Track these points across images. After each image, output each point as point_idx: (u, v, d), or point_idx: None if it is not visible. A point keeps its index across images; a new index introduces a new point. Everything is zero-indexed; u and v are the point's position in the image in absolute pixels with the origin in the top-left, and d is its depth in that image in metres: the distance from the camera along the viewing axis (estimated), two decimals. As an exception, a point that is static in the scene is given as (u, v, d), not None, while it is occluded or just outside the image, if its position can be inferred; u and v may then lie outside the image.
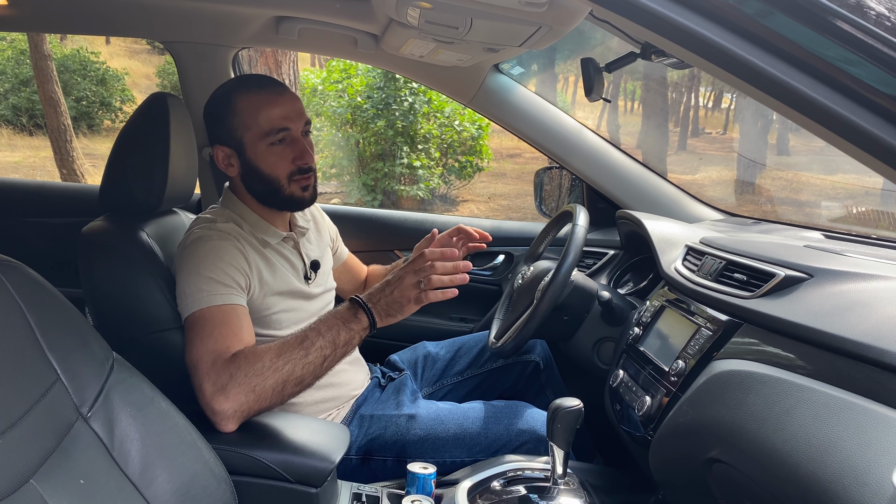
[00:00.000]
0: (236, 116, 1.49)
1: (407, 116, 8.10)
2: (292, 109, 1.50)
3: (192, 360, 1.30)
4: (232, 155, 1.52)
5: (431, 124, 8.40)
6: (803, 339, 1.05)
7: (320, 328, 1.33)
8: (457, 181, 9.07)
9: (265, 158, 1.49)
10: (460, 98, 2.08)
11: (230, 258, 1.42)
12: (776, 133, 15.56)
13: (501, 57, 1.71)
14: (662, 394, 1.30)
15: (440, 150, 8.57)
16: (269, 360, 1.28)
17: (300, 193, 1.53)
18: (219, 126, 1.51)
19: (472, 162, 8.70)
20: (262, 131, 1.47)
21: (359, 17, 1.70)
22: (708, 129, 17.57)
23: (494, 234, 2.31)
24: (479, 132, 8.66)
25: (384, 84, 8.10)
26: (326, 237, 1.82)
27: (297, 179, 1.51)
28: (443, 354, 1.91)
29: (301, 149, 1.50)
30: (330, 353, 1.32)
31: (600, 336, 1.69)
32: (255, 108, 1.48)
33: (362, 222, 2.33)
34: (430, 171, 8.36)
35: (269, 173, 1.50)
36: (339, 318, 1.34)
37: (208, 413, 1.26)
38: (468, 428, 1.56)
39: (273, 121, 1.47)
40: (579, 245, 1.59)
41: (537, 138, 2.08)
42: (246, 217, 1.54)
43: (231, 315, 1.37)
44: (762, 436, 0.98)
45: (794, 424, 0.94)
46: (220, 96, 1.53)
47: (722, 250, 1.42)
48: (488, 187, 10.37)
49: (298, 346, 1.30)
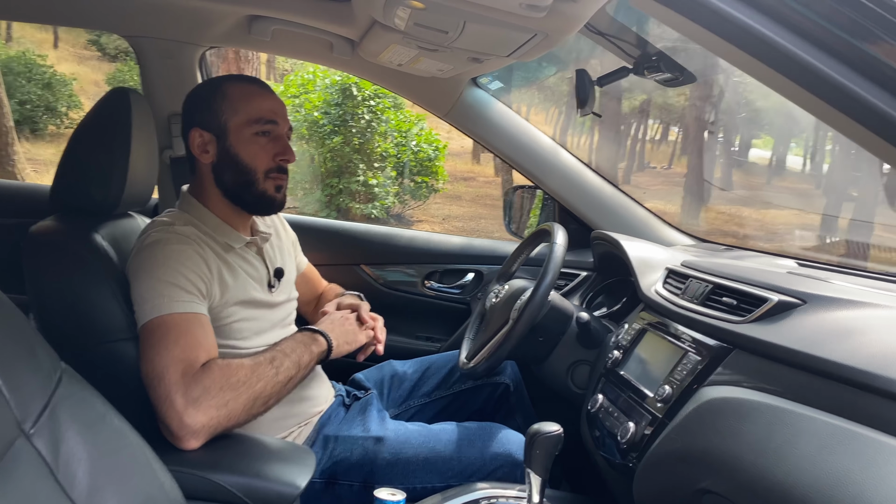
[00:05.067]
0: (225, 100, 1.44)
1: (364, 134, 8.05)
2: (281, 108, 1.49)
3: (157, 369, 1.21)
4: (211, 141, 1.45)
5: (388, 143, 8.36)
6: (801, 366, 1.02)
7: (285, 349, 1.35)
8: (412, 201, 9.03)
9: (247, 147, 1.43)
10: (436, 110, 2.03)
11: (191, 263, 1.34)
12: (720, 168, 16.03)
13: (483, 69, 1.66)
14: (647, 420, 1.25)
15: (396, 170, 8.53)
16: (244, 375, 1.24)
17: (272, 192, 1.47)
18: (202, 109, 1.45)
19: (427, 183, 8.68)
20: (251, 118, 1.43)
21: (337, 20, 1.64)
22: (653, 164, 18.00)
23: (464, 252, 2.27)
24: (435, 153, 8.66)
25: (342, 100, 8.03)
26: (288, 245, 1.74)
27: (273, 177, 1.46)
28: (410, 374, 1.84)
29: (284, 146, 1.46)
30: (294, 374, 1.33)
31: (575, 359, 1.64)
32: (246, 96, 1.44)
33: (327, 234, 2.24)
34: (386, 189, 8.29)
35: (247, 163, 1.44)
36: (301, 342, 1.39)
37: (174, 427, 1.17)
38: (440, 451, 1.48)
39: (263, 111, 1.44)
40: (558, 264, 1.54)
41: (513, 155, 2.04)
42: (206, 220, 1.46)
43: (194, 323, 1.28)
44: (761, 467, 0.94)
45: (797, 455, 0.90)
46: (210, 83, 1.50)
47: (707, 273, 1.39)
48: (443, 209, 10.36)
49: (270, 365, 1.29)
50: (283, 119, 1.48)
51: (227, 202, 1.48)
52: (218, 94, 1.44)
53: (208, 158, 1.46)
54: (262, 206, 1.50)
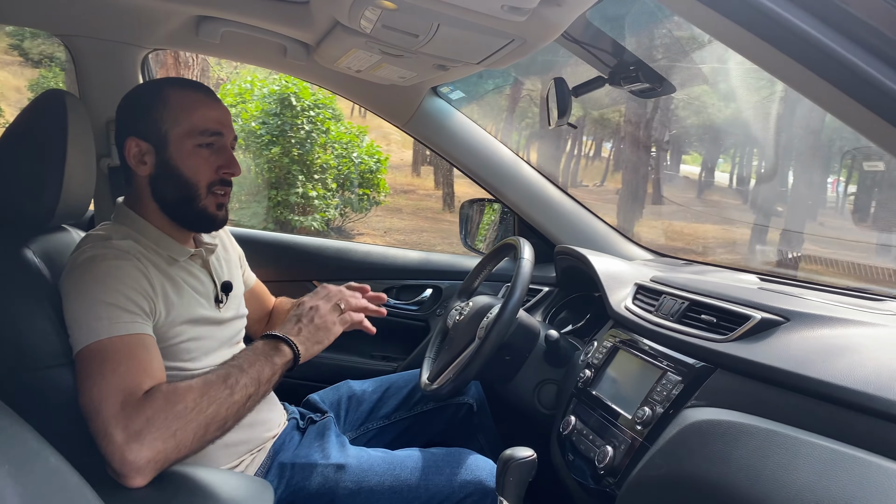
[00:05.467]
0: (166, 108, 1.31)
1: (303, 145, 7.89)
2: (227, 118, 1.37)
3: (94, 401, 1.09)
4: (149, 151, 1.33)
5: (328, 154, 8.22)
6: (791, 387, 0.99)
7: (242, 364, 1.20)
8: (352, 214, 8.89)
9: (189, 159, 1.32)
10: (395, 120, 1.95)
11: (131, 280, 1.22)
12: (652, 184, 16.42)
13: (448, 77, 1.61)
14: (626, 444, 1.20)
15: (337, 182, 8.39)
16: (192, 400, 1.11)
17: (213, 210, 1.36)
18: (140, 117, 1.33)
19: (369, 195, 8.57)
20: (194, 129, 1.31)
21: (293, 23, 1.55)
22: (585, 182, 18.33)
23: (422, 267, 2.19)
24: (377, 165, 8.57)
25: (280, 110, 7.86)
26: (235, 258, 1.63)
27: (215, 192, 1.35)
28: (369, 395, 1.75)
29: (229, 158, 1.36)
30: (254, 392, 1.19)
31: (542, 378, 1.59)
32: (190, 104, 1.33)
33: (277, 249, 2.12)
34: (327, 201, 8.14)
35: (188, 177, 1.32)
36: (260, 354, 1.23)
37: (116, 465, 1.05)
38: (405, 479, 1.40)
39: (208, 121, 1.33)
40: (526, 280, 1.49)
41: (473, 167, 1.98)
42: (146, 233, 1.34)
43: (138, 347, 1.16)
44: (758, 493, 0.89)
45: (797, 482, 0.86)
46: (149, 87, 1.37)
47: (681, 289, 1.36)
48: (384, 221, 10.27)
49: (223, 384, 1.15)
50: (228, 129, 1.37)
51: (165, 216, 1.37)
52: (158, 101, 1.33)
53: (145, 170, 1.34)
54: (202, 223, 1.39)
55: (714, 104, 15.23)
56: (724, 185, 23.78)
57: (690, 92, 14.32)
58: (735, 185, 23.48)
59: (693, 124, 16.67)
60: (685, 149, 22.42)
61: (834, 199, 19.63)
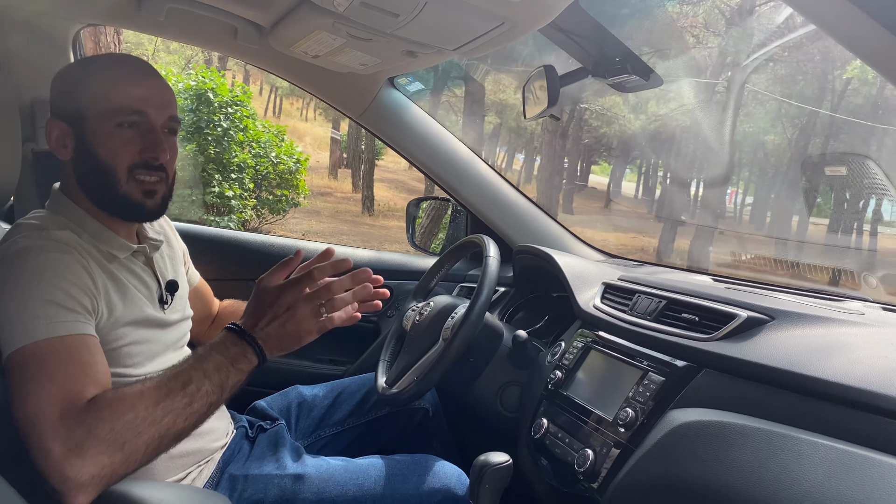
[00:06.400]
0: (87, 87, 1.18)
1: (220, 143, 7.60)
2: (157, 95, 1.22)
3: (29, 412, 0.95)
4: (68, 133, 1.19)
5: (246, 153, 7.95)
6: (785, 385, 0.97)
7: (206, 368, 1.05)
8: (270, 215, 8.63)
9: (105, 142, 1.17)
10: (349, 111, 1.86)
11: (72, 275, 1.09)
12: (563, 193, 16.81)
13: (411, 66, 1.53)
14: (609, 446, 1.16)
15: (254, 182, 8.12)
16: (143, 408, 0.98)
17: (138, 197, 1.21)
18: (62, 96, 1.20)
19: (288, 196, 8.35)
20: (112, 107, 1.17)
21: (248, 2, 1.44)
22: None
23: (373, 266, 2.08)
24: (296, 166, 8.36)
25: (197, 106, 7.55)
26: (180, 254, 1.50)
27: (138, 176, 1.20)
28: (320, 400, 1.65)
29: (154, 140, 1.20)
30: (216, 400, 1.06)
31: (506, 380, 1.54)
32: (110, 80, 1.19)
33: (219, 245, 1.98)
34: (244, 202, 7.86)
35: (105, 160, 1.18)
36: (226, 357, 1.08)
37: (55, 482, 0.92)
38: (369, 489, 1.32)
39: (128, 99, 1.18)
40: (493, 279, 1.44)
41: (428, 163, 1.91)
42: (84, 225, 1.20)
43: (80, 349, 1.03)
44: (762, 496, 0.87)
45: (804, 483, 0.83)
46: (76, 65, 1.25)
47: (657, 288, 1.34)
48: (302, 224, 10.04)
49: (181, 392, 1.02)
50: (157, 108, 1.21)
51: (95, 205, 1.23)
52: (81, 80, 1.20)
53: (66, 154, 1.21)
54: (129, 212, 1.24)
55: (625, 116, 15.76)
56: (630, 194, 24.70)
57: (604, 102, 14.77)
58: (641, 196, 24.42)
59: (607, 133, 17.19)
60: (595, 159, 23.12)
61: (732, 209, 20.67)
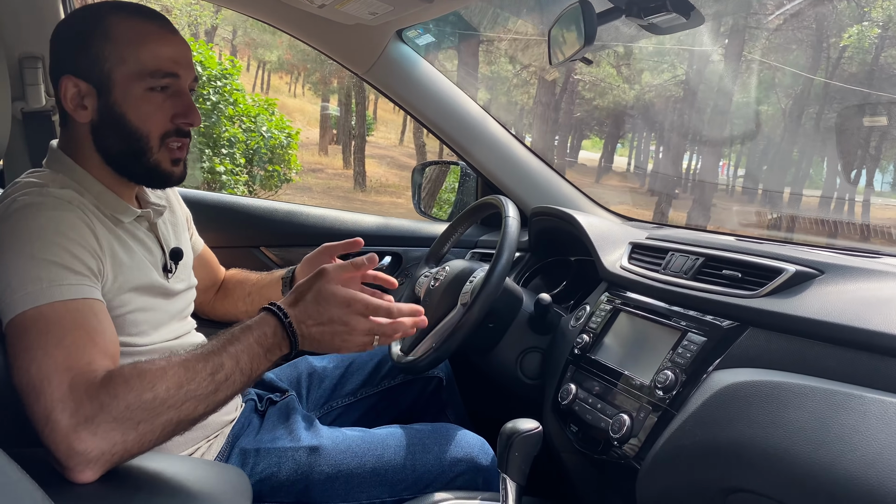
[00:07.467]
0: (109, 43, 1.08)
1: (210, 116, 7.44)
2: (185, 55, 1.14)
3: (34, 381, 0.88)
4: (89, 94, 1.09)
5: (237, 128, 7.80)
6: (841, 341, 0.91)
7: (239, 355, 0.96)
8: (261, 191, 8.51)
9: (138, 106, 1.09)
10: (355, 66, 1.76)
11: (75, 234, 1.01)
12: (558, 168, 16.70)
13: (425, 14, 1.44)
14: (647, 411, 1.10)
15: (245, 157, 7.99)
16: (164, 390, 0.90)
17: (168, 166, 1.15)
18: (78, 51, 1.09)
19: (279, 171, 8.22)
20: (144, 69, 1.09)
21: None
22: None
23: (381, 232, 2.02)
24: (288, 140, 8.23)
25: (184, 80, 7.39)
26: (183, 220, 1.42)
27: (170, 144, 1.13)
28: (331, 371, 1.58)
29: (188, 104, 1.13)
30: (240, 389, 0.98)
31: (526, 346, 1.48)
32: (139, 38, 1.09)
33: (221, 211, 1.88)
34: (235, 177, 7.74)
35: (137, 126, 1.10)
36: (261, 346, 0.99)
37: (61, 455, 0.85)
38: (389, 459, 1.25)
39: (160, 60, 1.10)
40: (514, 240, 1.37)
41: (438, 122, 1.82)
42: (87, 185, 1.12)
43: (87, 314, 0.96)
44: (824, 459, 0.80)
45: (873, 444, 0.77)
46: (88, 14, 1.11)
47: (693, 245, 1.27)
48: (293, 200, 9.91)
49: (209, 379, 0.93)
50: (185, 69, 1.14)
51: (110, 169, 1.14)
52: (99, 32, 1.09)
53: (86, 116, 1.11)
54: (155, 180, 1.18)
55: (619, 86, 15.63)
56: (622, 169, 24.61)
57: (598, 73, 14.63)
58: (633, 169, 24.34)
59: (600, 106, 17.07)
60: (586, 133, 23.00)
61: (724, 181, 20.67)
